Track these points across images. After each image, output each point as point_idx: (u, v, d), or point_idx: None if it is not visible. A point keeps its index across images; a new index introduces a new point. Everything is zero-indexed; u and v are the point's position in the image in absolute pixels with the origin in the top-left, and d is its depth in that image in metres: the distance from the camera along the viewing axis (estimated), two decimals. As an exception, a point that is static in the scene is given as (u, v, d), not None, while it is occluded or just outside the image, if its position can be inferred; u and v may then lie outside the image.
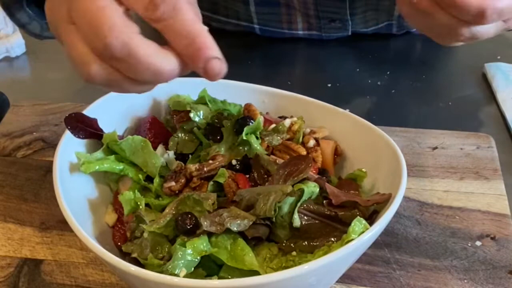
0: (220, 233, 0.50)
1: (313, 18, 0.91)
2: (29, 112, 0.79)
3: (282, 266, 0.51)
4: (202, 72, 0.42)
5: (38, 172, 0.70)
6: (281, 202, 0.51)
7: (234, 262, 0.49)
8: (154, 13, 0.40)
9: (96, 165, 0.58)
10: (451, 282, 0.57)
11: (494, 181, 0.68)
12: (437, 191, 0.67)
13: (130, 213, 0.56)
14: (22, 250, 0.60)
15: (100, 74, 0.42)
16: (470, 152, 0.73)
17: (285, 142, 0.61)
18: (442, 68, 0.92)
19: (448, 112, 0.83)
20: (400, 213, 0.64)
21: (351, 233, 0.48)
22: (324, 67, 0.93)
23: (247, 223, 0.50)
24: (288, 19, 0.93)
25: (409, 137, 0.75)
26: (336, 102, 0.65)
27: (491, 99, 0.85)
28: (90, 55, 0.42)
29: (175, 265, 0.48)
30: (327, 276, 0.51)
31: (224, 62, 0.42)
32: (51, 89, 0.89)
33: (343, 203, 0.53)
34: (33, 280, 0.57)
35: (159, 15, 0.40)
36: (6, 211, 0.65)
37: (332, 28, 0.93)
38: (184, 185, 0.57)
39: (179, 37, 0.41)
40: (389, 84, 0.88)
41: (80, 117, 0.60)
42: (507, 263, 0.59)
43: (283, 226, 0.52)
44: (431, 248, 0.61)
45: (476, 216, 0.64)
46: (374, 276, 0.58)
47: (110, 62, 0.42)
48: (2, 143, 0.74)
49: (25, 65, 0.96)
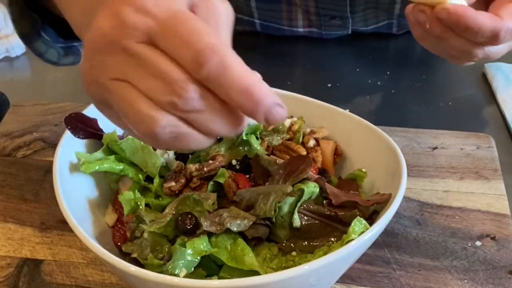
0: (220, 233, 0.50)
1: (313, 15, 0.92)
2: (29, 112, 0.79)
3: (282, 266, 0.51)
4: (264, 121, 0.38)
5: (38, 172, 0.70)
6: (281, 202, 0.51)
7: (234, 262, 0.49)
8: (200, 72, 0.37)
9: (96, 165, 0.58)
10: (451, 282, 0.57)
11: (494, 181, 0.68)
12: (437, 191, 0.67)
13: (130, 213, 0.56)
14: (22, 250, 0.60)
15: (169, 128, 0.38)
16: (470, 152, 0.73)
17: (285, 142, 0.61)
18: (442, 68, 0.92)
19: (448, 112, 0.83)
20: (400, 213, 0.64)
21: (351, 233, 0.48)
22: (324, 67, 0.93)
23: (247, 223, 0.50)
24: (289, 15, 0.93)
25: (409, 137, 0.75)
26: (336, 102, 0.65)
27: (491, 99, 0.85)
28: (155, 110, 0.38)
29: (175, 265, 0.48)
30: (327, 276, 0.51)
31: (284, 105, 0.39)
32: (51, 89, 0.89)
33: (343, 203, 0.53)
34: (33, 280, 0.57)
35: (205, 74, 0.37)
36: (6, 211, 0.65)
37: (332, 26, 0.93)
38: (184, 185, 0.57)
39: (233, 94, 0.37)
40: (389, 84, 0.88)
41: (80, 117, 0.60)
42: (507, 263, 0.59)
43: (283, 226, 0.52)
44: (431, 248, 0.61)
45: (476, 216, 0.64)
46: (374, 276, 0.58)
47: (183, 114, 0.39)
48: (2, 143, 0.74)
49: (25, 65, 0.96)
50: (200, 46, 0.37)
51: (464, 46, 0.59)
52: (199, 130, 0.39)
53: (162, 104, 0.38)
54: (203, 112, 0.38)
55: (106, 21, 0.38)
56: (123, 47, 0.38)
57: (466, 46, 0.59)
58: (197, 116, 0.39)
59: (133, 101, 0.38)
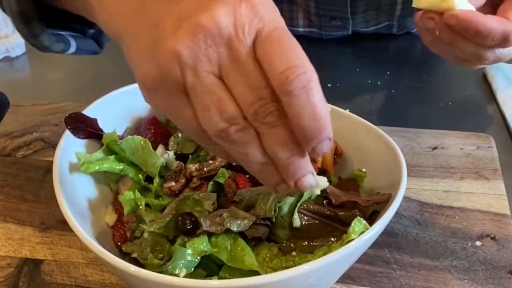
0: (220, 233, 0.50)
1: (314, 15, 0.91)
2: (29, 112, 0.79)
3: (282, 266, 0.51)
4: (310, 149, 0.41)
5: (38, 172, 0.70)
6: (281, 202, 0.51)
7: (234, 262, 0.49)
8: (291, 84, 0.38)
9: (96, 165, 0.58)
10: (451, 282, 0.57)
11: (494, 181, 0.68)
12: (437, 191, 0.67)
13: (130, 213, 0.56)
14: (22, 250, 0.60)
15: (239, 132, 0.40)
16: (470, 152, 0.73)
17: (285, 142, 0.61)
18: (442, 68, 0.92)
19: (448, 112, 0.83)
20: (400, 213, 0.64)
21: (351, 233, 0.48)
22: (324, 67, 0.93)
23: (247, 223, 0.50)
24: (290, 15, 0.93)
25: (409, 137, 0.75)
26: (336, 102, 0.65)
27: (491, 99, 0.85)
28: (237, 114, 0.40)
29: (175, 265, 0.48)
30: (327, 276, 0.51)
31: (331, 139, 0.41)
32: (51, 89, 0.89)
33: (343, 203, 0.53)
34: (33, 280, 0.57)
35: (290, 89, 0.38)
36: (6, 211, 0.65)
37: (333, 27, 0.93)
38: (184, 185, 0.57)
39: (306, 115, 0.39)
40: (389, 84, 0.88)
41: (80, 117, 0.60)
42: (507, 263, 0.59)
43: (283, 226, 0.52)
44: (431, 248, 0.61)
45: (476, 216, 0.64)
46: (374, 276, 0.58)
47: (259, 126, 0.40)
48: (2, 143, 0.74)
49: (25, 65, 0.96)
50: (295, 63, 0.38)
51: (474, 50, 0.59)
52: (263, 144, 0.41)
53: (246, 111, 0.39)
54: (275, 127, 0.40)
55: (225, 16, 0.39)
56: (232, 46, 0.39)
57: (477, 50, 0.59)
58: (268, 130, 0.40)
59: (222, 99, 0.39)
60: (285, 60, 0.39)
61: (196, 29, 0.39)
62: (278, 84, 0.39)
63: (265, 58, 0.39)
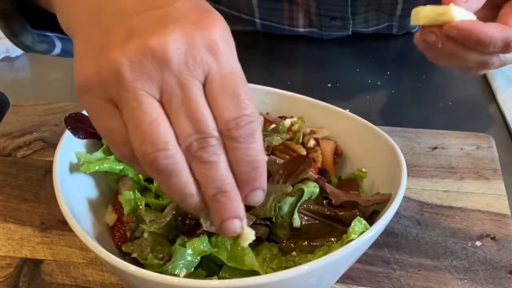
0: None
1: (314, 16, 0.91)
2: (29, 112, 0.79)
3: (282, 266, 0.51)
4: (243, 196, 0.41)
5: (38, 172, 0.70)
6: (281, 202, 0.51)
7: (234, 262, 0.49)
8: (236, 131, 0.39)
9: (96, 165, 0.58)
10: (451, 282, 0.57)
11: (494, 181, 0.68)
12: (437, 191, 0.67)
13: (130, 213, 0.56)
14: (22, 250, 0.60)
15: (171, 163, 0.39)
16: (470, 152, 0.73)
17: (285, 142, 0.61)
18: (442, 68, 0.92)
19: (448, 112, 0.83)
20: (400, 213, 0.64)
21: (351, 233, 0.48)
22: (324, 67, 0.93)
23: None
24: (290, 15, 0.93)
25: (409, 137, 0.75)
26: (336, 102, 0.65)
27: (491, 99, 0.85)
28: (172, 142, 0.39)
29: (175, 265, 0.48)
30: (327, 276, 0.51)
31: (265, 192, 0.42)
32: (51, 89, 0.89)
33: (343, 203, 0.53)
34: (33, 280, 0.57)
35: (237, 135, 0.39)
36: (6, 211, 0.65)
37: (333, 27, 0.93)
38: (184, 185, 0.57)
39: (245, 162, 0.40)
40: (389, 84, 0.88)
41: (80, 117, 0.60)
42: (507, 263, 0.59)
43: (283, 226, 0.52)
44: (431, 248, 0.61)
45: (476, 216, 0.64)
46: (374, 276, 0.58)
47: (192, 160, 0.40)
48: (2, 143, 0.74)
49: (25, 65, 0.96)
50: (246, 112, 0.39)
51: (479, 58, 0.60)
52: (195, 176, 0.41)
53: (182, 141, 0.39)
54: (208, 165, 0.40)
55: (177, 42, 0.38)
56: (182, 75, 0.39)
57: (481, 57, 0.60)
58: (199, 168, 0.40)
59: (156, 121, 0.39)
60: (237, 107, 0.39)
61: (145, 48, 0.38)
62: (226, 129, 0.39)
63: (215, 100, 0.39)
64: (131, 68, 0.38)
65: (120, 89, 0.39)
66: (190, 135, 0.39)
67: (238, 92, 0.39)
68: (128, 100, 0.39)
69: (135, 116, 0.39)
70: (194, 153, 0.39)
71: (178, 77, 0.39)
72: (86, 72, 0.40)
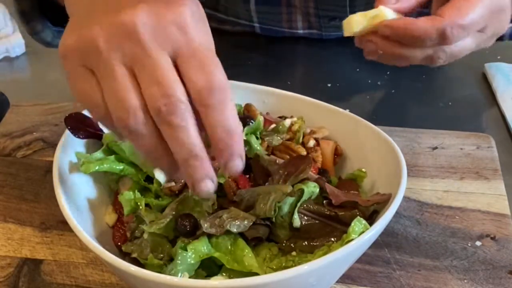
0: (220, 234, 0.50)
1: (313, 17, 0.91)
2: (29, 112, 0.79)
3: (282, 266, 0.51)
4: (223, 165, 0.43)
5: (38, 172, 0.70)
6: (281, 202, 0.51)
7: (234, 264, 0.49)
8: (208, 98, 0.41)
9: (96, 165, 0.58)
10: (451, 282, 0.57)
11: (494, 181, 0.68)
12: (437, 191, 0.67)
13: (130, 213, 0.56)
14: (22, 250, 0.60)
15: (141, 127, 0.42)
16: (470, 152, 0.73)
17: (285, 142, 0.61)
18: (442, 68, 0.92)
19: (448, 112, 0.83)
20: (400, 213, 0.64)
21: (351, 233, 0.48)
22: (324, 67, 0.93)
23: (247, 224, 0.50)
24: (288, 18, 0.93)
25: (409, 137, 0.75)
26: (336, 102, 0.65)
27: (491, 99, 0.85)
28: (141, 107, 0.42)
29: (177, 271, 0.48)
30: (327, 276, 0.51)
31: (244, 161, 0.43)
32: (51, 89, 0.89)
33: (343, 203, 0.53)
34: (33, 280, 0.57)
35: (209, 102, 0.41)
36: (6, 211, 0.65)
37: (332, 27, 0.93)
38: (184, 185, 0.57)
39: (219, 128, 0.42)
40: (389, 84, 0.88)
41: (80, 117, 0.60)
42: (507, 263, 0.59)
43: (283, 226, 0.52)
44: (431, 248, 0.61)
45: (476, 216, 0.64)
46: (374, 276, 0.58)
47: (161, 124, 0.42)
48: (2, 143, 0.74)
49: (25, 65, 0.96)
50: (217, 78, 0.42)
51: (420, 54, 0.60)
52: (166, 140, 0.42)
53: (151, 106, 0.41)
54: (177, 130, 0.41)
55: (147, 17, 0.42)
56: (149, 46, 0.42)
57: (422, 53, 0.60)
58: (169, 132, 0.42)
59: (127, 88, 0.42)
60: (208, 77, 0.41)
61: (118, 22, 0.42)
62: (198, 98, 0.41)
63: (186, 72, 0.42)
64: (105, 39, 0.42)
65: (95, 58, 0.42)
66: (158, 99, 0.41)
67: (207, 63, 0.42)
68: (102, 68, 0.42)
69: (108, 83, 0.42)
70: (163, 118, 0.41)
71: (146, 48, 0.42)
72: (67, 41, 0.44)
